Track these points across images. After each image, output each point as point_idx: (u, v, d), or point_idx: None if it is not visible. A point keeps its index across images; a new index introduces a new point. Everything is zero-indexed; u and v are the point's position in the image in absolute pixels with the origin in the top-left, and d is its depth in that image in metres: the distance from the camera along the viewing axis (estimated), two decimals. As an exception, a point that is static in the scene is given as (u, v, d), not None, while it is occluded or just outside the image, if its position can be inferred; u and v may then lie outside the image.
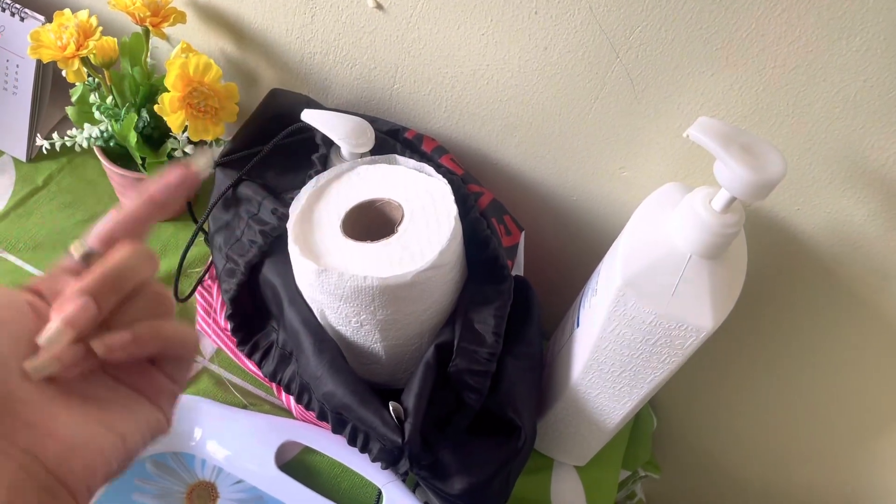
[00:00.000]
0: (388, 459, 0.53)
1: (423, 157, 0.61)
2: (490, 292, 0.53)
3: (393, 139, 0.62)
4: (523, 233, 0.62)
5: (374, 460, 0.53)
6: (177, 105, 0.60)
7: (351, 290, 0.47)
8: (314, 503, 0.59)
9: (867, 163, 0.50)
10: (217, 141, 0.67)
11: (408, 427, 0.50)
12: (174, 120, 0.61)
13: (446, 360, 0.51)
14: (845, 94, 0.48)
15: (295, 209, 0.51)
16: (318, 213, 0.51)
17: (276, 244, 0.56)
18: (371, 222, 0.52)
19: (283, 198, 0.60)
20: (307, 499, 0.59)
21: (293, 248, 0.49)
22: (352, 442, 0.53)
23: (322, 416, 0.57)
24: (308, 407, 0.55)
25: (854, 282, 0.57)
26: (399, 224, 0.49)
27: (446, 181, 0.52)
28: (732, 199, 0.45)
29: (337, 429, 0.54)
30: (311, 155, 0.60)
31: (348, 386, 0.49)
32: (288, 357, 0.56)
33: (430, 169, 0.53)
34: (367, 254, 0.48)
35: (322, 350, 0.51)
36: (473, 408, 0.52)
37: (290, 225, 0.50)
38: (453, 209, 0.50)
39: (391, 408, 0.50)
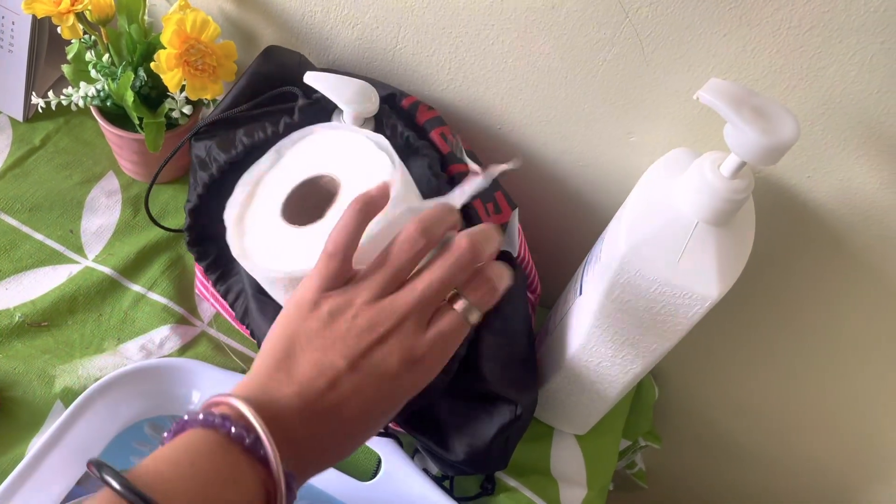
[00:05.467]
0: None
1: (413, 128, 0.59)
2: None
3: (388, 105, 0.60)
4: (516, 210, 0.60)
5: None
6: (174, 62, 0.59)
7: (265, 281, 0.46)
8: (312, 468, 0.58)
9: (882, 129, 0.49)
10: (214, 101, 0.66)
11: None
12: (171, 78, 0.59)
13: None
14: (861, 56, 0.46)
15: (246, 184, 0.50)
16: (264, 186, 0.49)
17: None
18: (318, 200, 0.48)
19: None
20: (305, 463, 0.58)
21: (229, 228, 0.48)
22: None
23: None
24: None
25: (863, 251, 0.56)
26: (330, 207, 0.46)
27: (393, 160, 0.47)
28: (742, 164, 0.44)
29: None
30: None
31: None
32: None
33: (387, 143, 0.49)
34: (293, 240, 0.45)
35: (265, 311, 0.52)
36: (438, 388, 0.51)
37: (234, 198, 0.49)
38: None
39: None
